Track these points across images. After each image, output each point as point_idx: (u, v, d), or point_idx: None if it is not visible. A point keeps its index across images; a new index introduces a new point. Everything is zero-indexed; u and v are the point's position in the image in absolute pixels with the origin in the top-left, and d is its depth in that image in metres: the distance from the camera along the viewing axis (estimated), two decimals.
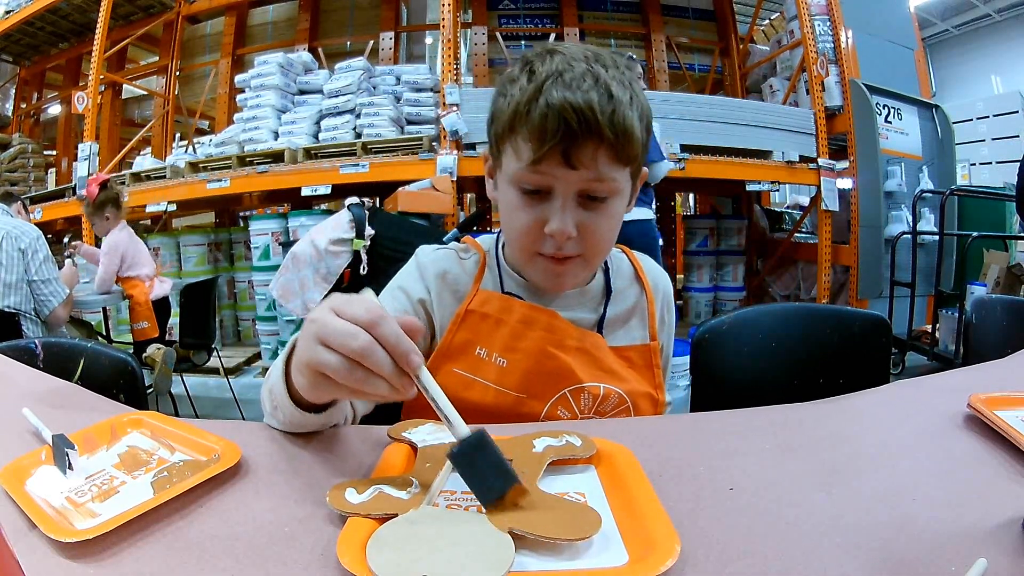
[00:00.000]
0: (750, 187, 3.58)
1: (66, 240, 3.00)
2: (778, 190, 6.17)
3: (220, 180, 3.36)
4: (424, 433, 0.52)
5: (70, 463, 0.46)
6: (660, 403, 0.73)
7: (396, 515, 0.38)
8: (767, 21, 5.40)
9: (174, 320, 2.91)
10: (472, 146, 3.09)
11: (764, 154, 3.44)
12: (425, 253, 0.76)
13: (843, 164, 3.65)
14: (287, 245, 3.29)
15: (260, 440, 0.53)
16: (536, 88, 0.58)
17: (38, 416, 0.54)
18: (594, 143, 0.57)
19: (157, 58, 5.01)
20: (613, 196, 0.62)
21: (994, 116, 5.79)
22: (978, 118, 5.86)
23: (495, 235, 0.77)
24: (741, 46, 4.78)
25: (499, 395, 0.67)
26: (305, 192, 3.18)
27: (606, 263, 0.76)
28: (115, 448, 0.52)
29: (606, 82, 0.58)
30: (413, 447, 0.50)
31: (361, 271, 2.10)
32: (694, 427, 0.57)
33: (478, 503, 0.41)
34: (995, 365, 0.73)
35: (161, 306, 2.75)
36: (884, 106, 3.65)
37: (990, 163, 5.77)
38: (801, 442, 0.51)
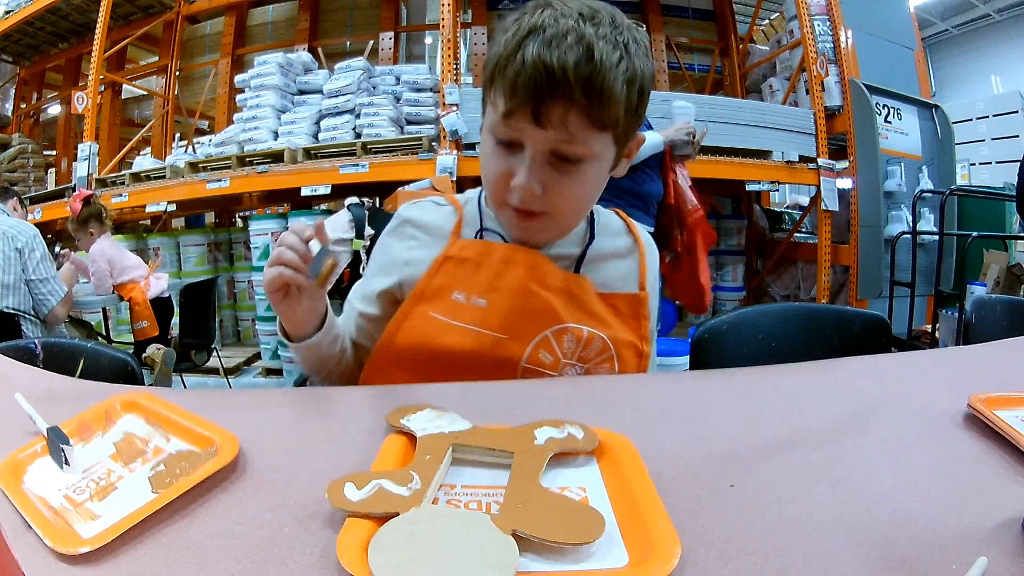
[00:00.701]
0: (750, 187, 3.58)
1: (56, 249, 3.00)
2: (778, 190, 6.16)
3: (220, 180, 3.36)
4: (423, 420, 0.51)
5: (66, 459, 0.46)
6: (645, 355, 0.72)
7: (397, 514, 0.37)
8: (767, 21, 5.40)
9: (175, 320, 2.91)
10: (472, 146, 3.09)
11: (764, 154, 3.44)
12: (405, 207, 0.78)
13: (843, 164, 3.65)
14: None
15: (259, 436, 0.52)
16: (517, 42, 0.57)
17: (36, 407, 0.54)
18: (564, 104, 0.56)
19: (157, 58, 5.00)
20: (588, 160, 0.61)
21: (994, 116, 5.78)
22: (978, 118, 5.86)
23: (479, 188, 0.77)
24: (741, 46, 4.78)
25: (478, 338, 0.66)
26: (305, 192, 3.18)
27: (592, 214, 0.75)
28: (110, 435, 0.52)
29: (590, 41, 0.55)
30: (411, 437, 0.49)
31: (361, 271, 2.10)
32: (694, 426, 0.57)
33: (478, 499, 0.41)
34: (994, 357, 0.73)
35: (163, 305, 2.75)
36: (884, 106, 3.65)
37: (990, 163, 5.77)
38: (802, 439, 0.51)
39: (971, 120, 5.86)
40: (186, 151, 4.17)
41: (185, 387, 2.83)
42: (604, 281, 0.72)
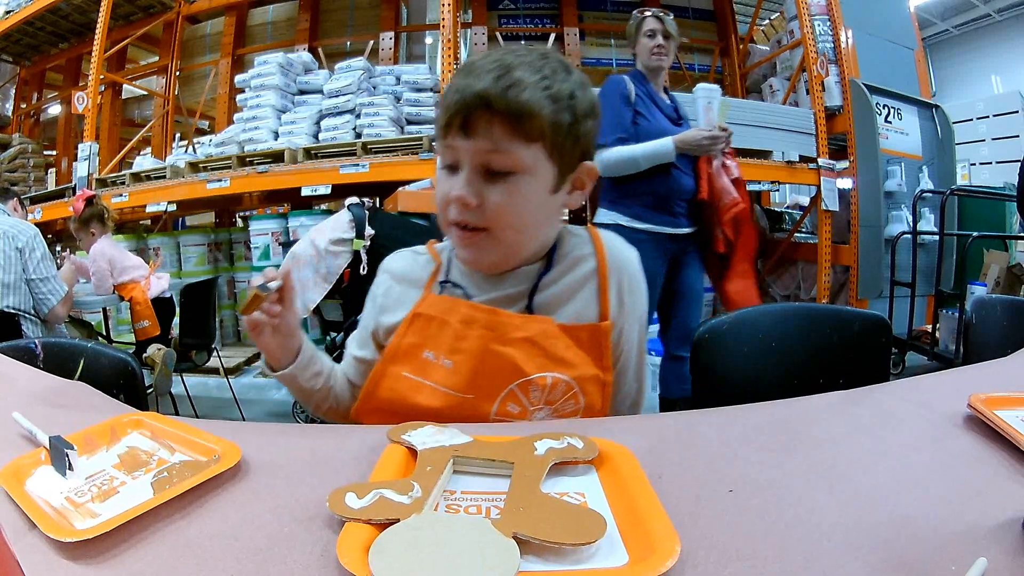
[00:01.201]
0: (750, 187, 3.56)
1: (58, 250, 3.01)
2: (778, 190, 6.16)
3: (220, 180, 3.35)
4: (424, 435, 0.52)
5: (70, 463, 0.46)
6: (608, 384, 0.73)
7: (398, 520, 0.37)
8: (767, 21, 5.39)
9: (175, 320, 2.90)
10: None
11: (764, 154, 3.43)
12: (386, 260, 0.83)
13: (843, 164, 3.64)
14: (287, 245, 3.29)
15: (260, 441, 0.53)
16: (454, 78, 0.67)
17: (40, 416, 0.54)
18: (487, 116, 0.63)
19: (157, 58, 5.00)
20: (519, 173, 0.65)
21: (994, 116, 5.78)
22: (978, 118, 5.85)
23: None
24: (741, 46, 4.77)
25: (447, 397, 0.69)
26: (305, 192, 3.18)
27: (555, 246, 0.75)
28: (115, 449, 0.52)
29: (510, 65, 0.63)
30: (412, 450, 0.49)
31: (361, 271, 2.09)
32: (694, 427, 0.57)
33: (478, 503, 0.41)
34: (995, 365, 0.73)
35: (164, 305, 2.75)
36: (884, 106, 3.65)
37: (990, 163, 5.76)
38: (801, 442, 0.51)
39: (971, 120, 5.86)
40: (186, 151, 4.16)
41: (185, 387, 2.83)
42: (562, 311, 0.73)
